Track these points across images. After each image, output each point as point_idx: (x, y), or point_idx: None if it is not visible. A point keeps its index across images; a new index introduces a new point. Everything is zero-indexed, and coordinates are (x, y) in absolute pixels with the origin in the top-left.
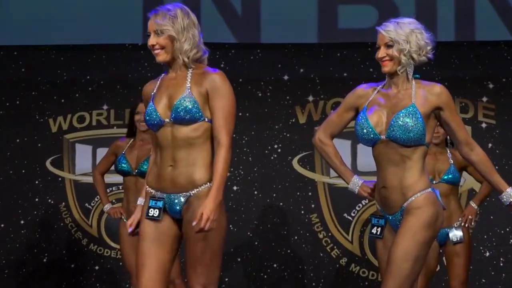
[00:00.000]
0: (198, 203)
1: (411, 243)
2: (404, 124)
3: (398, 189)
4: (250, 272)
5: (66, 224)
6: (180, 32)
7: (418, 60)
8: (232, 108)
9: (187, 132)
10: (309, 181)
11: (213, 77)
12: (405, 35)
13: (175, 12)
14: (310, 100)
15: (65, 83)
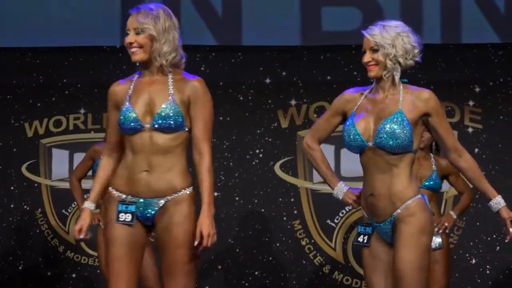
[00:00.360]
0: (175, 208)
1: (415, 253)
2: (391, 131)
3: (387, 196)
4: (231, 280)
5: (43, 231)
6: (161, 33)
7: (404, 64)
8: (212, 116)
9: (166, 139)
10: (291, 187)
11: (195, 85)
12: (391, 39)
13: (158, 12)
14: (292, 104)
15: (41, 87)
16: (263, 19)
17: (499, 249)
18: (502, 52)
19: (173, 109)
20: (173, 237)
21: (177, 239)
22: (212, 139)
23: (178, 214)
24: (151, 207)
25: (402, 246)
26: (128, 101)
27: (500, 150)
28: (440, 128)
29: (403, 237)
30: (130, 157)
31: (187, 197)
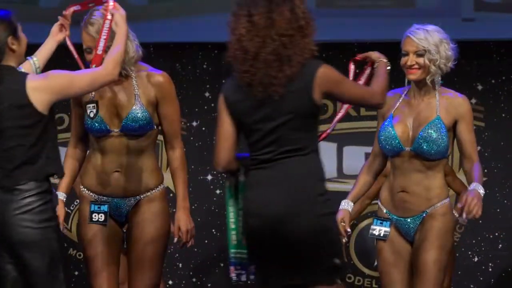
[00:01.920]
0: (148, 205)
1: (441, 252)
2: (429, 137)
3: (423, 194)
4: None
5: None
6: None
7: (445, 70)
8: (179, 110)
9: (136, 141)
10: None
11: (160, 82)
12: (435, 44)
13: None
14: None
15: None
16: None
17: (501, 247)
18: (504, 49)
19: (141, 112)
20: (144, 233)
21: (148, 235)
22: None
23: (151, 211)
24: (124, 205)
25: (431, 243)
26: (92, 102)
27: (502, 148)
28: (463, 135)
29: (434, 234)
30: (99, 157)
31: (159, 194)
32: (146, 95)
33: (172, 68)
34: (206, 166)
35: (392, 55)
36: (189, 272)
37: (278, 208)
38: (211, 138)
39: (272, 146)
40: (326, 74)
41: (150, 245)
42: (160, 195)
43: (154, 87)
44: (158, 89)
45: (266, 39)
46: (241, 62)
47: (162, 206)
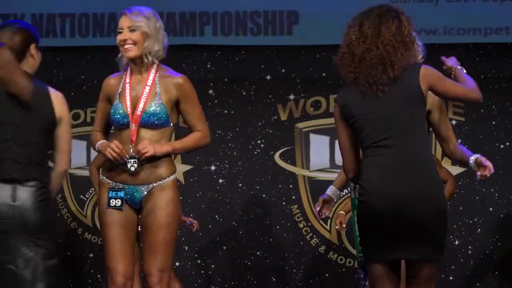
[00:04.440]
0: (160, 193)
1: None
2: None
3: None
4: (235, 259)
5: (63, 215)
6: (153, 32)
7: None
8: (199, 105)
9: (152, 134)
10: (290, 174)
11: (180, 83)
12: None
13: (149, 13)
14: (291, 99)
15: (61, 82)
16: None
17: (479, 231)
18: (482, 51)
19: (159, 107)
20: (156, 219)
21: (160, 220)
22: (217, 130)
23: (163, 199)
24: (138, 192)
25: None
26: (119, 97)
27: (481, 141)
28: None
29: None
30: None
31: (171, 183)
32: (166, 93)
33: (178, 67)
34: (210, 157)
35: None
36: (194, 255)
37: (404, 190)
38: (214, 132)
39: (388, 132)
40: (428, 70)
41: (162, 230)
42: (171, 184)
43: (174, 87)
44: (179, 90)
45: (372, 46)
46: (347, 64)
47: (173, 194)
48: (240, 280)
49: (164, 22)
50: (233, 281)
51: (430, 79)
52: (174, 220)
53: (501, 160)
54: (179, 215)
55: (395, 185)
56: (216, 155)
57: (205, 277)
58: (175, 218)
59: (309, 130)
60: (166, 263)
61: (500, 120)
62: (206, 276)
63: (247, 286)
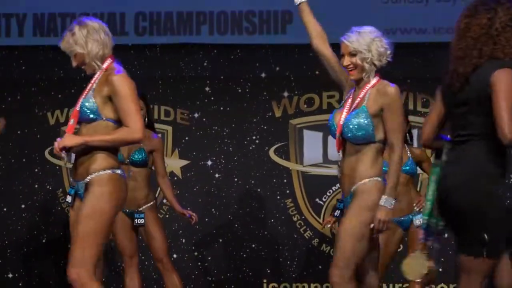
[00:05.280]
0: (91, 188)
1: (353, 223)
2: (353, 124)
3: (352, 175)
4: (231, 251)
5: (63, 208)
6: (84, 44)
7: (379, 65)
8: (133, 102)
9: (87, 129)
10: (284, 169)
11: (112, 80)
12: (367, 44)
13: (73, 29)
14: (285, 96)
15: (62, 80)
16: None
17: None
18: None
19: (89, 102)
20: (80, 214)
21: (81, 215)
22: (214, 127)
23: (90, 193)
24: (80, 188)
25: (346, 215)
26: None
27: None
28: (388, 122)
29: (349, 208)
30: None
31: (101, 178)
32: (100, 89)
33: (175, 65)
34: (206, 153)
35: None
36: (191, 247)
37: (450, 182)
38: (211, 128)
39: (460, 129)
40: (499, 74)
41: (80, 225)
42: (102, 179)
43: (107, 83)
44: (111, 86)
45: (461, 39)
46: (449, 59)
47: (100, 189)
48: (235, 272)
49: (162, 21)
50: (229, 273)
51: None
52: (94, 214)
53: None
54: (101, 211)
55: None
56: (213, 150)
57: (202, 269)
58: (96, 212)
59: (302, 126)
60: (81, 259)
61: None
62: (202, 268)
63: (242, 277)
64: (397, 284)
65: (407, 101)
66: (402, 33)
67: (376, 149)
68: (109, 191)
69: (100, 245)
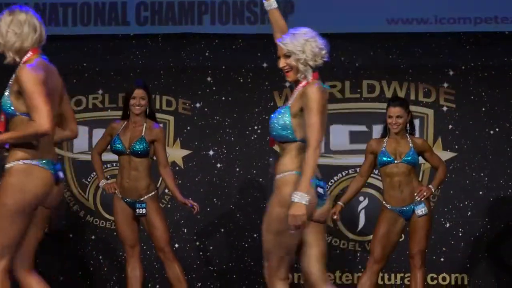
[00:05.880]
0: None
1: (268, 219)
2: (276, 124)
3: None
4: (233, 241)
5: (65, 198)
6: (4, 33)
7: (314, 65)
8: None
9: (10, 124)
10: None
11: (18, 75)
12: (301, 45)
13: (3, 13)
14: (286, 86)
15: (64, 70)
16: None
17: (470, 214)
18: (472, 39)
19: (5, 98)
20: None
21: None
22: (215, 117)
23: (1, 185)
24: None
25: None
26: None
27: (470, 126)
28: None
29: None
30: None
31: (9, 169)
32: (13, 84)
33: (177, 55)
34: (208, 142)
35: None
36: (193, 237)
37: None
38: (213, 118)
39: None
40: None
41: None
42: (8, 171)
43: (16, 78)
44: (18, 80)
45: None
46: None
47: (6, 180)
48: (237, 262)
49: (164, 11)
50: (231, 262)
51: None
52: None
53: (490, 146)
54: (6, 201)
55: None
56: (215, 140)
57: (204, 259)
58: (2, 202)
59: None
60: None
61: (490, 106)
62: (204, 258)
63: (244, 267)
64: (399, 274)
65: (408, 91)
66: (404, 23)
67: (297, 147)
68: (12, 183)
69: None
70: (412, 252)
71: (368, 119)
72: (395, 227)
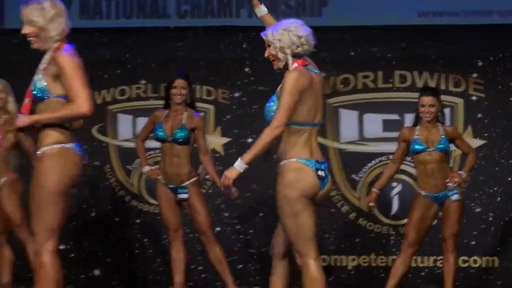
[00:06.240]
0: (38, 162)
1: (280, 204)
2: (268, 111)
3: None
4: (271, 225)
5: (111, 183)
6: (48, 21)
7: (293, 53)
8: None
9: (39, 106)
10: (321, 146)
11: (58, 60)
12: (279, 35)
13: (43, 4)
14: (321, 76)
15: (108, 61)
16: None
17: (499, 199)
18: (500, 31)
19: (39, 81)
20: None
21: (32, 187)
22: (253, 106)
23: (37, 167)
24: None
25: None
26: None
27: (499, 116)
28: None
29: None
30: None
31: (48, 152)
32: (48, 69)
33: (216, 47)
34: (247, 130)
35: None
36: (234, 221)
37: None
38: (250, 107)
39: None
40: None
41: (32, 196)
42: (48, 153)
43: (54, 63)
44: (57, 65)
45: None
46: None
47: (45, 163)
48: None
49: (203, 4)
50: (269, 246)
51: None
52: (41, 186)
53: None
54: (50, 183)
55: None
56: (253, 128)
57: (244, 242)
58: (42, 184)
59: (338, 105)
60: (36, 227)
61: None
62: (244, 241)
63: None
64: (432, 256)
65: (439, 81)
66: (434, 15)
67: (289, 130)
68: (53, 165)
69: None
70: (445, 236)
71: (400, 108)
72: (429, 212)
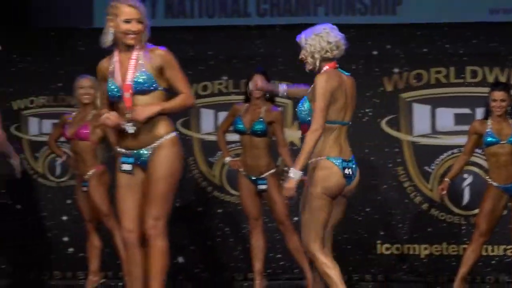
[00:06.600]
0: (159, 151)
1: (308, 199)
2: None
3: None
4: (347, 215)
5: (194, 175)
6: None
7: (320, 57)
8: (182, 72)
9: (145, 99)
10: (395, 139)
11: (163, 54)
12: (310, 40)
13: (141, 3)
14: (395, 72)
15: (191, 59)
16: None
17: None
18: None
19: (145, 75)
20: (154, 173)
21: (157, 174)
22: None
23: (161, 156)
24: (144, 155)
25: None
26: (112, 75)
27: None
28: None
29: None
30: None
31: (169, 141)
32: (150, 63)
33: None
34: None
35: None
36: None
37: None
38: None
39: None
40: None
41: (157, 184)
42: (169, 142)
43: (157, 57)
44: (162, 59)
45: None
46: None
47: (169, 151)
48: (352, 234)
49: (282, 3)
50: (346, 235)
51: None
52: (170, 174)
53: None
54: (176, 170)
55: None
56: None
57: None
58: (171, 172)
59: (412, 100)
60: (161, 212)
61: None
62: None
63: (358, 239)
64: (501, 245)
65: (509, 76)
66: (504, 12)
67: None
68: (176, 153)
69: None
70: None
71: (471, 102)
72: (500, 203)
